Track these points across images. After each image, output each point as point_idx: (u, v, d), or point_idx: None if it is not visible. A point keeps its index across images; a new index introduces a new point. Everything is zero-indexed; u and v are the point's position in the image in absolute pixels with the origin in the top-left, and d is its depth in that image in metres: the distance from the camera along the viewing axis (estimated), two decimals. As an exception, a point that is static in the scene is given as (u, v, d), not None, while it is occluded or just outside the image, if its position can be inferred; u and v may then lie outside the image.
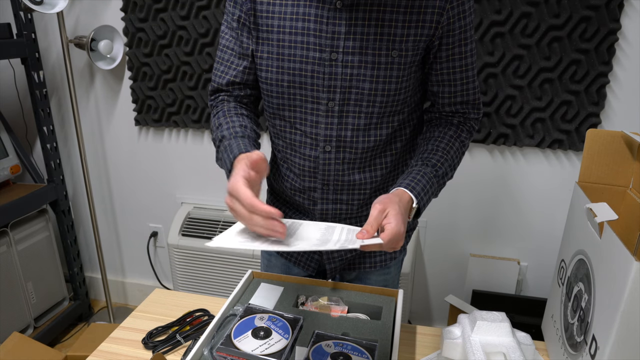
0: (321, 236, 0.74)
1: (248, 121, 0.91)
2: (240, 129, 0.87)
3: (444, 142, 0.89)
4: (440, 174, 0.86)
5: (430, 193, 0.85)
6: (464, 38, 0.84)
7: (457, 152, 0.90)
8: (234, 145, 0.82)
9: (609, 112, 1.62)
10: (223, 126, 0.88)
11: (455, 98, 0.90)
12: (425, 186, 0.83)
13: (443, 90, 0.90)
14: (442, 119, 0.94)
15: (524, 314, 1.79)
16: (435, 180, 0.86)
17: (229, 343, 0.79)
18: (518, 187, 1.79)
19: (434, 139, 0.90)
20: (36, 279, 2.03)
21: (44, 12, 1.70)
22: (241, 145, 0.82)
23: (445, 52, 0.85)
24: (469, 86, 0.89)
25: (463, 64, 0.87)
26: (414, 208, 0.81)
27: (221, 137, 0.87)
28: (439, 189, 0.88)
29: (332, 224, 0.80)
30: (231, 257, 1.92)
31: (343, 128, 0.88)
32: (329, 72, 0.83)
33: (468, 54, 0.86)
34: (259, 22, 0.85)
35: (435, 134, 0.91)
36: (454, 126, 0.92)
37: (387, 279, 1.08)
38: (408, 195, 0.80)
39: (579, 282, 0.79)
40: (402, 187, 0.81)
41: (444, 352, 0.81)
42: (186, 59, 1.88)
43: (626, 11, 1.50)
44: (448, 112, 0.93)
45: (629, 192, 0.89)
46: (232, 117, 0.90)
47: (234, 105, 0.93)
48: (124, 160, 2.18)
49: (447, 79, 0.88)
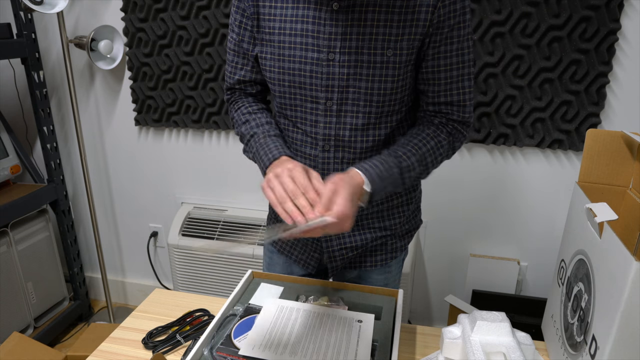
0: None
1: (267, 114, 0.98)
2: (267, 127, 0.94)
3: (418, 138, 0.88)
4: (404, 166, 0.84)
5: (388, 182, 0.83)
6: (450, 37, 0.83)
7: (431, 151, 0.88)
8: (272, 145, 0.89)
9: (609, 112, 1.62)
10: (250, 122, 0.95)
11: (439, 98, 0.89)
12: (382, 173, 0.81)
13: (427, 89, 0.89)
14: (424, 118, 0.93)
15: (524, 314, 1.78)
16: (396, 171, 0.83)
17: (229, 343, 0.79)
18: (518, 187, 1.79)
19: (408, 135, 0.89)
20: (36, 279, 2.03)
21: (44, 12, 1.70)
22: (279, 146, 0.88)
23: (432, 50, 0.84)
24: (452, 86, 0.87)
25: (448, 63, 0.85)
26: (367, 192, 0.80)
27: (253, 133, 0.93)
28: (401, 181, 0.86)
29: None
30: (231, 257, 1.92)
31: (341, 127, 0.89)
32: (327, 71, 0.85)
33: (453, 53, 0.85)
34: (263, 24, 0.88)
35: (413, 130, 0.90)
36: (433, 125, 0.90)
37: (388, 277, 1.08)
38: (361, 178, 0.79)
39: (579, 282, 0.79)
40: (356, 168, 0.81)
41: (444, 352, 0.81)
42: (186, 59, 1.88)
43: (626, 11, 1.50)
44: (431, 111, 0.92)
45: (629, 192, 0.89)
46: (256, 114, 0.97)
47: (250, 101, 1.00)
48: (124, 160, 2.18)
49: (431, 78, 0.87)
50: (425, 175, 0.91)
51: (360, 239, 1.00)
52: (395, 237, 1.04)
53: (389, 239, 1.03)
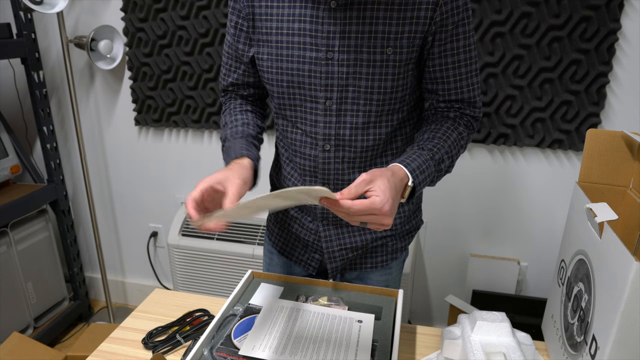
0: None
1: (252, 117, 0.97)
2: (242, 128, 0.92)
3: (441, 132, 0.87)
4: (437, 158, 0.83)
5: (427, 175, 0.81)
6: (456, 34, 0.83)
7: (454, 143, 0.88)
8: (232, 148, 0.88)
9: (609, 112, 1.62)
10: (227, 125, 0.95)
11: (449, 96, 0.89)
12: (421, 165, 0.80)
13: (437, 88, 0.89)
14: (437, 114, 0.93)
15: (524, 314, 1.78)
16: (432, 163, 0.82)
17: (229, 343, 0.79)
18: (518, 187, 1.79)
19: (429, 131, 0.88)
20: (36, 279, 2.03)
21: (44, 12, 1.70)
22: (237, 148, 0.87)
23: (438, 48, 0.84)
24: (462, 84, 0.88)
25: (455, 60, 0.86)
26: (409, 186, 0.78)
27: (225, 137, 0.93)
28: (436, 175, 0.85)
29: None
30: (231, 257, 1.92)
31: (341, 127, 0.88)
32: (326, 71, 0.84)
33: (460, 50, 0.85)
34: (259, 25, 0.87)
35: (431, 126, 0.90)
36: (450, 119, 0.91)
37: (389, 279, 1.07)
38: (403, 171, 0.77)
39: (579, 282, 0.79)
40: (396, 162, 0.79)
41: (444, 352, 0.81)
42: (186, 59, 1.88)
43: (626, 11, 1.50)
44: (443, 107, 0.92)
45: (629, 192, 0.89)
46: (236, 115, 0.96)
47: (239, 103, 1.00)
48: (124, 160, 2.18)
49: (439, 76, 0.88)
50: (451, 169, 0.90)
51: (361, 240, 1.00)
52: (395, 237, 1.03)
53: (389, 240, 1.03)
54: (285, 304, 0.90)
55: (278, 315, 0.87)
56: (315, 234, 1.01)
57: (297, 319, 0.86)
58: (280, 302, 0.91)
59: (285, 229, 1.07)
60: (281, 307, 0.89)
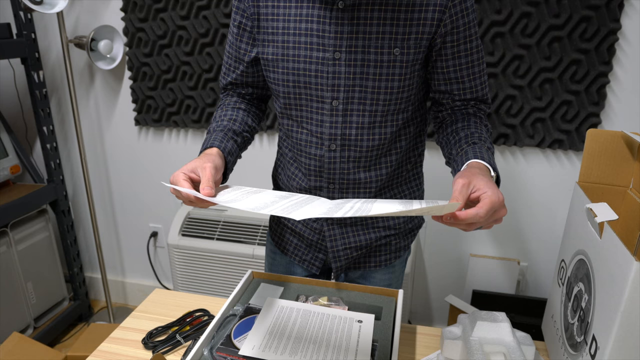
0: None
1: (242, 114, 0.97)
2: (226, 123, 0.94)
3: (473, 127, 0.87)
4: (492, 151, 0.83)
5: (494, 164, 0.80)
6: (469, 35, 0.84)
7: (487, 135, 0.87)
8: (208, 140, 0.90)
9: (609, 112, 1.62)
10: (215, 119, 0.96)
11: (465, 95, 0.90)
12: (489, 157, 0.79)
13: (452, 88, 0.90)
14: (455, 114, 0.93)
15: (524, 314, 1.78)
16: (491, 152, 0.81)
17: (229, 343, 0.79)
18: (518, 187, 1.79)
19: (459, 129, 0.88)
20: (36, 279, 2.03)
21: (44, 12, 1.70)
22: (211, 139, 0.88)
23: (451, 49, 0.85)
24: (476, 82, 0.89)
25: (469, 61, 0.87)
26: (492, 176, 0.77)
27: (208, 130, 0.95)
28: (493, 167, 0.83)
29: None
30: (231, 257, 1.92)
31: (347, 126, 0.89)
32: (332, 71, 0.84)
33: (474, 50, 0.86)
34: (264, 25, 0.88)
35: (458, 125, 0.89)
36: (470, 115, 0.91)
37: (392, 277, 1.08)
38: (483, 164, 0.77)
39: (579, 282, 0.79)
40: (471, 159, 0.78)
41: (444, 352, 0.81)
42: (186, 59, 1.88)
43: (626, 11, 1.50)
44: (459, 106, 0.92)
45: (629, 192, 0.89)
46: (226, 111, 0.97)
47: (235, 100, 1.00)
48: (124, 160, 2.18)
49: (454, 77, 0.88)
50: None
51: (365, 239, 1.01)
52: (399, 236, 1.04)
53: (393, 239, 1.03)
54: (285, 304, 0.90)
55: (278, 316, 0.87)
56: (319, 233, 1.01)
57: (297, 319, 0.86)
58: (280, 302, 0.91)
59: (288, 229, 1.07)
60: (281, 307, 0.89)
